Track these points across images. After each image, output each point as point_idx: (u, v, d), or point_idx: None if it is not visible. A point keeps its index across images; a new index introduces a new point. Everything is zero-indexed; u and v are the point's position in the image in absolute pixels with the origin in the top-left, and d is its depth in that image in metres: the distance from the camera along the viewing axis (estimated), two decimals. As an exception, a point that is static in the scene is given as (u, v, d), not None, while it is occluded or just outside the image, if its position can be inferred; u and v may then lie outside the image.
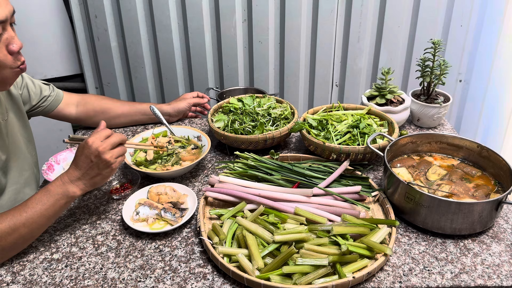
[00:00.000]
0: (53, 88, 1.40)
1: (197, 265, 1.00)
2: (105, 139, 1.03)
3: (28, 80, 1.31)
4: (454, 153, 1.27)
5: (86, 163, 1.01)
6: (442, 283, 0.94)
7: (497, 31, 2.01)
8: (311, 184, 1.19)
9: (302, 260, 0.93)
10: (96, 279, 0.97)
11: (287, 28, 2.07)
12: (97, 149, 1.00)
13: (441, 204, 1.02)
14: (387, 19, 2.03)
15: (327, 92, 2.24)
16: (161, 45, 2.16)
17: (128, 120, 1.56)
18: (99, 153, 1.00)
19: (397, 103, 1.52)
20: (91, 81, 2.35)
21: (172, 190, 1.17)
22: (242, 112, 1.45)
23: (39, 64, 2.24)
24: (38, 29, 2.17)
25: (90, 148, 1.01)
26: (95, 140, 1.01)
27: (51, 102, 1.38)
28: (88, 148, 1.01)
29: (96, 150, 1.00)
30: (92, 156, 1.01)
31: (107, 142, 1.02)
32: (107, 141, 1.02)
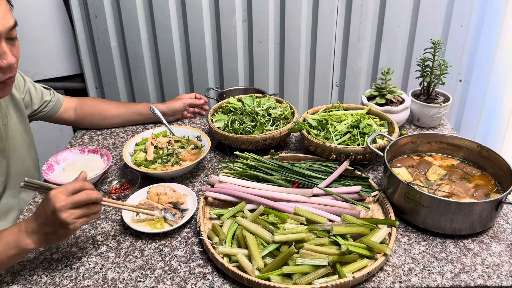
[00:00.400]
0: (53, 93, 1.40)
1: (197, 265, 1.00)
2: (70, 195, 0.89)
3: (30, 85, 1.32)
4: (454, 153, 1.27)
5: (42, 217, 0.90)
6: (442, 283, 0.94)
7: (497, 31, 2.01)
8: (311, 184, 1.19)
9: (302, 260, 0.93)
10: (96, 279, 0.97)
11: (287, 28, 2.07)
12: (54, 205, 0.87)
13: (441, 204, 1.02)
14: (387, 19, 2.03)
15: (327, 92, 2.24)
16: (161, 45, 2.16)
17: (125, 121, 1.56)
18: (55, 210, 0.87)
19: (397, 103, 1.52)
20: (91, 81, 2.35)
21: (172, 190, 1.17)
22: (242, 112, 1.45)
23: (39, 64, 2.24)
24: (38, 29, 2.17)
25: (48, 202, 0.88)
26: (57, 194, 0.88)
27: (52, 107, 1.39)
28: (47, 201, 0.89)
29: (53, 206, 0.87)
30: (48, 211, 0.88)
31: (70, 199, 0.89)
32: (71, 198, 0.89)
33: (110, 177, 1.26)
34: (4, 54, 0.93)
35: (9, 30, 0.93)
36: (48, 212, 0.88)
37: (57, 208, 0.87)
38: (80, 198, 0.90)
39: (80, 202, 0.90)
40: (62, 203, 0.88)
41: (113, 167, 1.36)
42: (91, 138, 1.52)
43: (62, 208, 0.88)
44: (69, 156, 1.34)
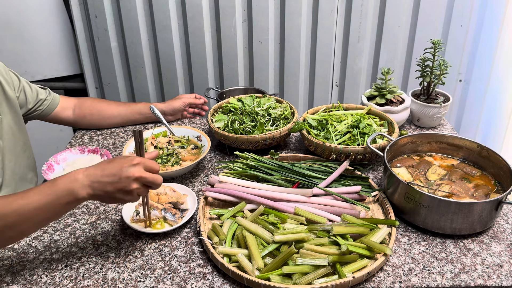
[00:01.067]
0: (49, 92, 1.40)
1: (197, 265, 1.00)
2: (148, 172, 0.91)
3: (25, 84, 1.31)
4: (454, 153, 1.27)
5: (112, 175, 0.89)
6: (442, 283, 0.94)
7: (497, 31, 2.01)
8: (311, 184, 1.19)
9: (302, 260, 0.93)
10: (96, 279, 0.97)
11: (287, 28, 2.07)
12: (133, 172, 0.88)
13: (441, 204, 1.02)
14: (387, 19, 2.03)
15: (327, 92, 2.24)
16: (161, 45, 2.16)
17: (125, 120, 1.56)
18: (129, 177, 0.88)
19: (397, 103, 1.52)
20: (91, 81, 2.35)
21: (172, 190, 1.17)
22: (242, 112, 1.45)
23: (39, 64, 2.24)
24: (38, 29, 2.17)
25: (129, 167, 0.89)
26: (140, 164, 0.90)
27: (48, 106, 1.38)
28: (127, 164, 0.89)
29: (132, 174, 0.88)
30: (123, 173, 0.88)
31: (146, 174, 0.90)
32: (147, 175, 0.90)
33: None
34: None
35: None
36: (123, 174, 0.88)
37: (135, 177, 0.88)
38: (153, 179, 0.91)
39: (150, 182, 0.91)
40: (140, 174, 0.89)
41: (113, 167, 1.36)
42: (91, 138, 1.52)
43: (138, 178, 0.89)
44: (69, 156, 1.34)
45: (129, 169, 0.89)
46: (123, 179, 0.89)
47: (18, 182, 1.25)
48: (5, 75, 1.23)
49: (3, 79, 1.21)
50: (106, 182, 0.89)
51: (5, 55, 2.09)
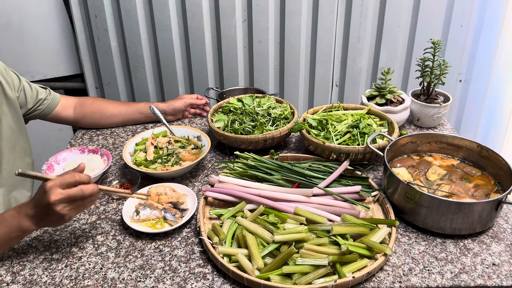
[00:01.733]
0: (49, 92, 1.40)
1: (197, 265, 1.00)
2: (66, 189, 0.91)
3: (25, 83, 1.31)
4: (454, 153, 1.27)
5: (39, 206, 0.93)
6: (442, 283, 0.94)
7: (497, 31, 2.01)
8: (311, 184, 1.19)
9: (302, 260, 0.93)
10: (96, 279, 0.97)
11: (287, 28, 2.07)
12: (48, 199, 0.89)
13: (441, 204, 1.02)
14: (387, 19, 2.03)
15: (327, 92, 2.24)
16: (161, 45, 2.16)
17: (125, 119, 1.56)
18: (50, 204, 0.90)
19: (397, 103, 1.52)
20: (91, 81, 2.35)
21: (172, 190, 1.17)
22: (242, 112, 1.45)
23: (39, 64, 2.24)
24: (38, 29, 2.17)
25: (44, 194, 0.91)
26: (53, 188, 0.90)
27: (48, 105, 1.38)
28: (43, 193, 0.91)
29: (47, 200, 0.90)
30: (44, 202, 0.91)
31: (65, 193, 0.91)
32: (66, 193, 0.91)
33: (110, 177, 1.26)
34: None
35: None
36: (44, 203, 0.91)
37: (52, 202, 0.90)
38: (76, 193, 0.92)
39: (75, 197, 0.92)
40: (57, 197, 0.90)
41: (113, 167, 1.36)
42: (91, 138, 1.52)
43: (56, 202, 0.90)
44: (69, 156, 1.34)
45: (44, 198, 0.91)
46: (45, 209, 0.92)
47: (16, 182, 1.25)
48: (5, 75, 1.23)
49: (3, 79, 1.21)
50: (39, 211, 0.93)
51: (5, 55, 2.09)
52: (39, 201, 0.93)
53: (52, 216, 0.93)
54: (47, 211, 0.92)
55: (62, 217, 0.92)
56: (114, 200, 1.22)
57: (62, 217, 0.92)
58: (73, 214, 0.94)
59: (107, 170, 1.28)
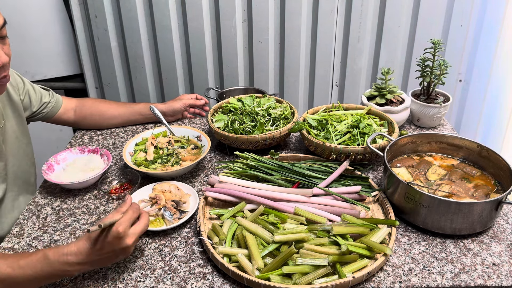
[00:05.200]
0: (52, 94, 1.40)
1: (197, 265, 1.00)
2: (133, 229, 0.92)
3: (29, 86, 1.31)
4: (454, 153, 1.27)
5: (109, 251, 0.90)
6: (442, 283, 0.94)
7: (497, 31, 2.01)
8: (311, 184, 1.19)
9: (302, 260, 0.93)
10: (96, 279, 0.97)
11: (287, 28, 2.07)
12: (126, 244, 0.90)
13: (441, 204, 1.02)
14: (387, 19, 2.03)
15: (327, 92, 2.24)
16: (161, 45, 2.16)
17: (125, 121, 1.56)
18: (127, 247, 0.90)
19: (397, 103, 1.52)
20: (91, 81, 2.35)
21: (177, 189, 1.18)
22: (242, 112, 1.45)
23: (39, 64, 2.24)
24: (38, 29, 2.17)
25: (120, 241, 0.89)
26: (126, 231, 0.90)
27: (51, 108, 1.39)
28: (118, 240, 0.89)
29: (125, 245, 0.90)
30: (118, 249, 0.90)
31: (136, 233, 0.92)
32: (137, 232, 0.92)
33: (110, 177, 1.26)
34: None
35: (2, 27, 0.94)
36: (119, 248, 0.89)
37: (130, 245, 0.90)
38: (143, 226, 0.94)
39: (142, 231, 0.94)
40: (132, 239, 0.91)
41: (113, 167, 1.36)
42: (91, 138, 1.52)
43: (133, 244, 0.92)
44: (69, 156, 1.34)
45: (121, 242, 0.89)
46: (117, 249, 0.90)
47: (21, 186, 1.25)
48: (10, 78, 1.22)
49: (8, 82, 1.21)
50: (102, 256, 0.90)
51: (5, 55, 2.08)
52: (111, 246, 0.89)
53: (121, 256, 0.92)
54: (119, 254, 0.91)
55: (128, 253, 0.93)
56: (114, 200, 1.22)
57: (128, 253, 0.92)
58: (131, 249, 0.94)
59: (107, 170, 1.28)
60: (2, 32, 0.96)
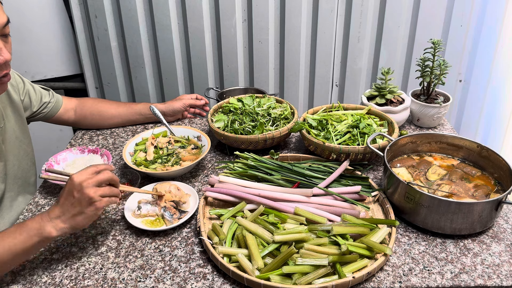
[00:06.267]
0: (52, 94, 1.40)
1: (197, 265, 1.00)
2: (92, 175, 0.94)
3: (29, 86, 1.31)
4: (454, 153, 1.27)
5: (68, 200, 0.92)
6: (442, 283, 0.94)
7: (497, 31, 2.01)
8: (311, 184, 1.19)
9: (302, 260, 0.93)
10: (96, 279, 0.97)
11: (287, 28, 2.07)
12: (80, 183, 0.91)
13: (441, 204, 1.02)
14: (387, 19, 2.03)
15: (327, 92, 2.24)
16: (161, 45, 2.16)
17: (125, 121, 1.56)
18: (82, 188, 0.91)
19: (397, 103, 1.52)
20: (91, 81, 2.35)
21: (177, 189, 1.18)
22: (242, 112, 1.45)
23: (39, 64, 2.24)
24: (38, 29, 2.17)
25: (73, 183, 0.91)
26: (80, 175, 0.92)
27: (51, 108, 1.39)
28: (71, 183, 0.92)
29: (80, 185, 0.91)
30: (74, 191, 0.91)
31: (93, 178, 0.93)
32: (94, 178, 0.93)
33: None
34: (0, 50, 0.95)
35: (3, 27, 0.95)
36: (74, 191, 0.91)
37: (84, 185, 0.91)
38: (103, 177, 0.94)
39: (102, 181, 0.94)
40: (88, 181, 0.92)
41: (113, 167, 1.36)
42: (91, 138, 1.52)
43: (87, 185, 0.91)
44: (69, 156, 1.34)
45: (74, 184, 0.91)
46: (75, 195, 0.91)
47: (20, 186, 1.25)
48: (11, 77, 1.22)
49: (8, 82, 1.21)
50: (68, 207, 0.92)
51: (5, 55, 2.08)
52: (68, 194, 0.92)
53: (83, 206, 0.91)
54: (78, 200, 0.91)
55: (94, 204, 0.92)
56: (114, 200, 1.22)
57: (93, 203, 0.92)
58: (103, 202, 0.94)
59: (107, 170, 1.28)
60: (5, 30, 0.97)
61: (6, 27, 0.96)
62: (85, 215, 0.93)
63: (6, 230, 0.93)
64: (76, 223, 0.93)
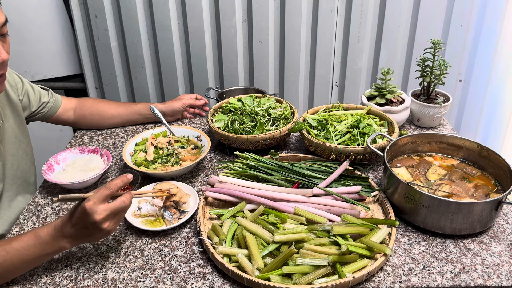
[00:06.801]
0: (51, 94, 1.40)
1: (197, 265, 1.00)
2: (106, 205, 0.91)
3: (28, 86, 1.31)
4: (454, 153, 1.27)
5: (82, 227, 0.91)
6: (442, 283, 0.94)
7: (497, 31, 2.01)
8: (311, 184, 1.19)
9: (302, 260, 0.93)
10: (96, 279, 0.97)
11: (287, 28, 2.07)
12: (94, 219, 0.89)
13: (441, 204, 1.02)
14: (387, 19, 2.03)
15: (327, 92, 2.24)
16: (161, 45, 2.16)
17: (125, 121, 1.56)
18: (96, 223, 0.89)
19: (397, 103, 1.52)
20: (91, 81, 2.35)
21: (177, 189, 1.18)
22: (242, 112, 1.45)
23: (39, 64, 2.24)
24: (38, 29, 2.17)
25: (87, 216, 0.89)
26: (94, 207, 0.89)
27: (50, 108, 1.39)
28: (85, 214, 0.90)
29: (94, 220, 0.89)
30: (89, 223, 0.90)
31: (107, 209, 0.91)
32: (108, 209, 0.91)
33: (110, 177, 1.26)
34: None
35: (1, 26, 0.95)
36: (89, 224, 0.90)
37: (98, 221, 0.90)
38: (119, 206, 0.92)
39: (117, 210, 0.93)
40: (102, 216, 0.90)
41: (113, 167, 1.36)
42: (91, 138, 1.52)
43: (102, 221, 0.90)
44: (69, 156, 1.34)
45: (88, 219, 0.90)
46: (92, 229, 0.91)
47: (20, 186, 1.25)
48: (9, 78, 1.22)
49: (7, 82, 1.20)
50: (81, 231, 0.92)
51: (5, 55, 2.08)
52: (82, 221, 0.91)
53: (98, 234, 0.93)
54: (93, 231, 0.91)
55: (109, 232, 0.93)
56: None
57: (108, 232, 0.93)
58: (116, 226, 0.95)
59: (107, 170, 1.28)
60: (3, 30, 0.97)
61: (4, 27, 0.96)
62: (97, 238, 0.96)
63: (20, 238, 0.93)
64: (89, 241, 0.97)
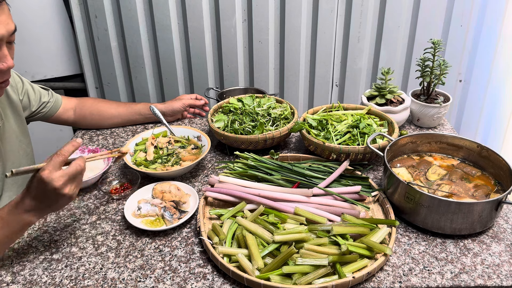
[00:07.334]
0: (52, 94, 1.40)
1: (197, 265, 1.00)
2: (62, 171, 0.91)
3: (28, 86, 1.31)
4: (454, 153, 1.27)
5: (43, 197, 0.91)
6: (442, 283, 0.94)
7: (497, 31, 2.01)
8: (311, 184, 1.19)
9: (302, 260, 0.93)
10: (96, 279, 0.97)
11: (287, 28, 2.07)
12: (53, 186, 0.89)
13: (441, 204, 1.02)
14: (387, 19, 2.03)
15: (327, 92, 2.24)
16: (161, 45, 2.16)
17: (125, 121, 1.56)
18: (56, 189, 0.89)
19: (397, 103, 1.52)
20: (91, 81, 2.35)
21: (177, 189, 1.18)
22: (242, 112, 1.45)
23: (39, 64, 2.24)
24: (38, 29, 2.17)
25: (45, 184, 0.89)
26: (50, 175, 0.89)
27: (50, 108, 1.39)
28: (42, 183, 0.89)
29: (53, 187, 0.89)
30: (49, 192, 0.90)
31: (65, 175, 0.91)
32: (65, 174, 0.91)
33: (110, 177, 1.26)
34: (5, 57, 0.95)
35: (10, 34, 0.96)
36: (49, 192, 0.90)
37: (58, 187, 0.90)
38: (75, 170, 0.93)
39: (75, 174, 0.93)
40: (61, 181, 0.90)
41: (113, 167, 1.36)
42: (91, 138, 1.52)
43: (62, 186, 0.91)
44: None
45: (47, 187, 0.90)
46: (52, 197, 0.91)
47: (20, 186, 1.25)
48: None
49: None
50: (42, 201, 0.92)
51: (5, 55, 2.08)
52: (42, 191, 0.91)
53: (61, 201, 0.93)
54: (56, 198, 0.92)
55: (71, 197, 0.94)
56: (114, 200, 1.22)
57: (71, 197, 0.93)
58: (77, 190, 0.95)
59: (107, 170, 1.28)
60: (11, 38, 0.97)
61: (12, 35, 0.97)
62: (60, 205, 0.95)
63: None
64: (53, 210, 0.97)
